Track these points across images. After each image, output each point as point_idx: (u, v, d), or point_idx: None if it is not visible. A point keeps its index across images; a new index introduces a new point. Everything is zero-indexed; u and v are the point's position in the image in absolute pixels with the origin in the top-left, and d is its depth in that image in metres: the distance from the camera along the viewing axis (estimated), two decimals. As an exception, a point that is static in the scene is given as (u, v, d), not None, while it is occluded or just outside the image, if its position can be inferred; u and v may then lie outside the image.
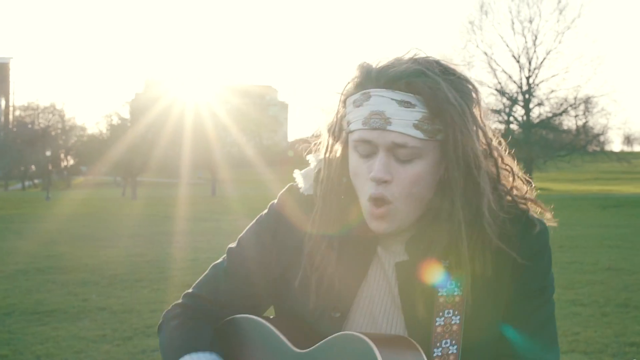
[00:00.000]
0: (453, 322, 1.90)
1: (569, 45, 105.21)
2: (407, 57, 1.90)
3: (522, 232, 1.95)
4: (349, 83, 1.94)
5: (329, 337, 1.87)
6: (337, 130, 1.96)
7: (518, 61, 66.16)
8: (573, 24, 66.61)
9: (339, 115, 1.96)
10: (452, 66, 1.91)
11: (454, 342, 1.90)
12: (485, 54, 65.22)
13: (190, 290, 2.21)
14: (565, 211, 29.36)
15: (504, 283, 1.95)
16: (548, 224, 2.01)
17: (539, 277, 1.99)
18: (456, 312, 1.91)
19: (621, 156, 69.06)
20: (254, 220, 2.19)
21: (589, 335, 8.55)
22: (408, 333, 1.93)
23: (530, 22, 66.17)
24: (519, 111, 66.10)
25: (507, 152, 2.03)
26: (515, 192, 1.99)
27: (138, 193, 62.52)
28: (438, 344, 1.89)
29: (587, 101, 64.32)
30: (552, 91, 65.32)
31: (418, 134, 1.81)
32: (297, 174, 2.13)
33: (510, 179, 1.99)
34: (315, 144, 2.13)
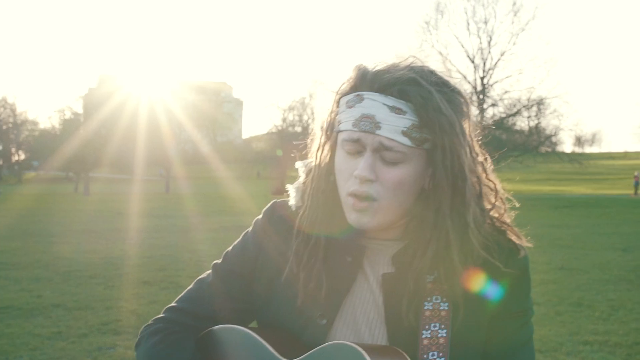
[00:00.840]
0: (440, 335, 1.92)
1: (523, 46, 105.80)
2: (403, 64, 1.92)
3: (506, 256, 1.98)
4: (344, 83, 1.97)
5: (319, 347, 1.87)
6: (330, 129, 1.98)
7: (473, 62, 66.61)
8: (527, 26, 67.00)
9: (332, 114, 1.98)
10: (447, 78, 1.94)
11: (441, 354, 1.91)
12: (441, 54, 65.47)
13: (173, 304, 2.20)
14: (518, 211, 29.55)
15: (487, 302, 1.97)
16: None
17: (521, 300, 2.03)
18: (442, 326, 1.92)
19: (573, 157, 69.89)
20: (240, 236, 2.20)
21: (544, 334, 8.65)
22: (390, 344, 1.93)
23: (485, 23, 66.65)
24: (472, 111, 66.36)
25: (491, 168, 2.05)
26: (495, 212, 2.02)
27: (91, 189, 61.86)
28: (425, 356, 1.90)
29: (540, 102, 64.97)
30: (506, 92, 65.83)
31: (406, 140, 1.84)
32: (291, 188, 2.15)
33: (492, 198, 2.02)
34: (305, 145, 2.15)
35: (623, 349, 7.98)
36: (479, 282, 1.95)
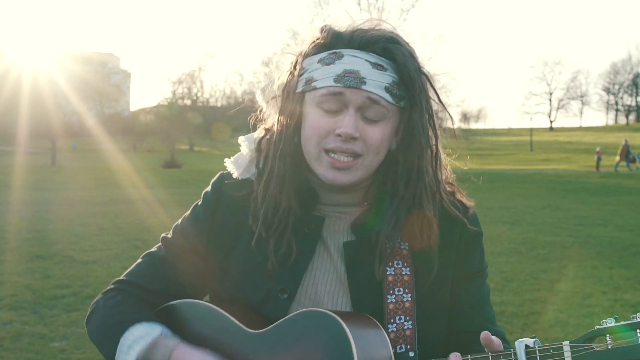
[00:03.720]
0: (405, 299, 1.93)
1: (413, 23, 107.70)
2: (374, 25, 1.94)
3: (459, 221, 2.03)
4: (309, 44, 1.96)
5: (289, 315, 1.86)
6: (291, 90, 1.95)
7: (363, 37, 67.01)
8: (417, 3, 68.49)
9: (293, 76, 1.96)
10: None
11: (408, 318, 1.93)
12: (332, 28, 65.77)
13: (123, 277, 2.15)
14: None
15: (448, 265, 2.01)
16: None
17: (479, 258, 2.10)
18: (407, 290, 1.94)
19: (459, 133, 71.19)
20: (190, 210, 2.15)
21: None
22: (354, 311, 1.94)
23: (376, -1, 67.18)
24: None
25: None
26: (444, 174, 2.06)
27: (-28, 161, 59.88)
28: (392, 320, 1.91)
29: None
30: (396, 68, 66.56)
31: (388, 97, 1.85)
32: (228, 162, 2.11)
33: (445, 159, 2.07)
34: (254, 113, 2.12)
35: (519, 319, 8.22)
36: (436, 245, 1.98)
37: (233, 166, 2.11)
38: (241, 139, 2.13)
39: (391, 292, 1.93)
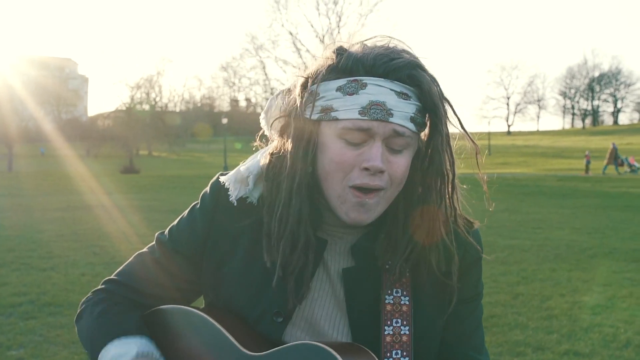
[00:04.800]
0: (402, 332, 1.87)
1: (372, 28, 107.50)
2: (390, 45, 1.85)
3: (464, 245, 1.95)
4: (322, 67, 1.84)
5: (287, 345, 1.79)
6: (305, 117, 1.83)
7: (322, 42, 66.84)
8: (375, 8, 68.65)
9: (306, 101, 1.83)
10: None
11: (405, 354, 1.86)
12: (291, 33, 66.03)
13: (113, 276, 2.09)
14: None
15: (446, 295, 1.94)
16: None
17: (475, 284, 2.03)
18: (405, 322, 1.87)
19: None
20: (187, 210, 2.06)
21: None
22: (353, 339, 1.89)
23: (335, 3, 67.50)
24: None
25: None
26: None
27: None
28: (388, 354, 1.85)
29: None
30: (355, 72, 66.75)
31: (412, 126, 1.78)
32: (227, 180, 1.99)
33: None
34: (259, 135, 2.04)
35: (479, 321, 8.24)
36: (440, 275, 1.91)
37: (232, 188, 1.97)
38: (241, 166, 1.98)
39: (389, 323, 1.87)
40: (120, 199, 25.32)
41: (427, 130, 1.86)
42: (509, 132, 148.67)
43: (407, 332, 1.87)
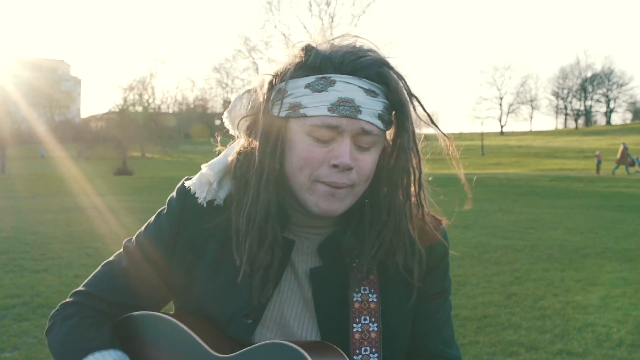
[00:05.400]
0: (371, 329, 1.89)
1: (364, 29, 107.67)
2: (357, 44, 1.87)
3: (430, 240, 1.98)
4: (290, 65, 1.85)
5: (255, 345, 1.80)
6: (273, 114, 1.85)
7: (315, 43, 67.11)
8: (368, 9, 68.71)
9: (271, 99, 1.86)
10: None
11: (374, 350, 1.88)
12: (284, 34, 66.00)
13: (81, 288, 2.07)
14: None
15: (413, 291, 1.95)
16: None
17: (441, 280, 2.05)
18: (373, 320, 1.90)
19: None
20: (154, 216, 2.06)
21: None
22: (322, 338, 1.90)
23: (327, 5, 67.55)
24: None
25: None
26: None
27: None
28: (357, 351, 1.87)
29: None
30: (348, 73, 66.67)
31: (380, 124, 1.80)
32: (192, 184, 1.99)
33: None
34: (219, 132, 2.06)
35: (473, 322, 8.26)
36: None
37: (198, 191, 1.98)
38: (204, 167, 1.99)
39: (357, 320, 1.89)
40: (113, 200, 25.27)
41: (393, 129, 1.89)
42: (502, 133, 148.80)
43: (376, 329, 1.89)
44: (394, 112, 1.86)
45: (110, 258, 2.09)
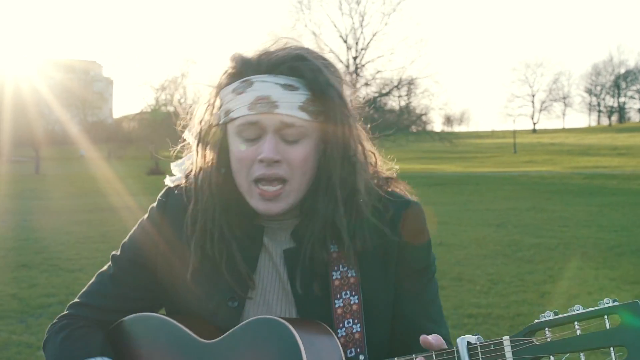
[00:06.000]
0: (352, 302, 1.97)
1: (395, 27, 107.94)
2: (281, 45, 1.99)
3: (401, 214, 2.06)
4: (222, 75, 1.99)
5: (241, 324, 1.90)
6: (212, 123, 2.00)
7: (345, 42, 67.14)
8: (398, 7, 68.47)
9: (212, 109, 2.01)
10: (322, 53, 2.04)
11: (356, 321, 1.97)
12: (314, 33, 65.81)
13: (76, 300, 2.18)
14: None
15: (391, 264, 2.04)
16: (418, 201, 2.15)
17: (423, 256, 2.11)
18: (353, 293, 1.98)
19: (443, 136, 71.67)
20: (136, 225, 2.20)
21: (429, 308, 8.81)
22: (300, 317, 1.99)
23: (358, 3, 67.26)
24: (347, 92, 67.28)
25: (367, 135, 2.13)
26: (380, 174, 2.12)
27: (-45, 171, 59.52)
28: (341, 325, 1.96)
29: (411, 82, 66.14)
30: (378, 72, 66.70)
31: (304, 115, 1.90)
32: (168, 181, 2.19)
33: (374, 160, 2.11)
34: (181, 145, 2.19)
35: (506, 320, 8.25)
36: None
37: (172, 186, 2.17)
38: (173, 165, 2.20)
39: (338, 296, 1.98)
40: (146, 200, 25.23)
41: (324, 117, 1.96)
42: (534, 130, 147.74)
43: (357, 301, 1.98)
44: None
45: (102, 269, 2.21)
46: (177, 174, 2.18)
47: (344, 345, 1.93)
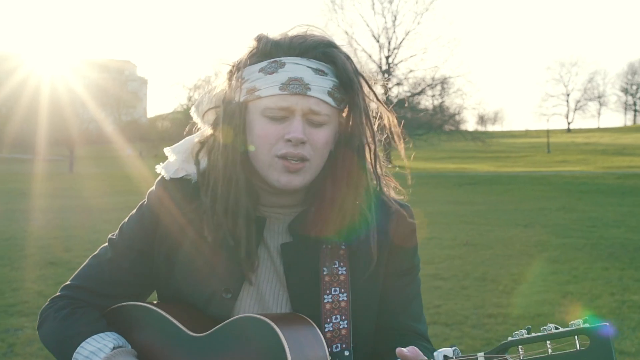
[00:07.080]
0: (341, 299, 2.01)
1: (427, 26, 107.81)
2: (302, 31, 2.02)
3: (394, 216, 2.11)
4: (245, 55, 2.01)
5: (227, 321, 1.93)
6: (233, 100, 2.00)
7: (378, 41, 67.13)
8: (431, 6, 68.42)
9: (232, 87, 2.01)
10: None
11: (343, 317, 2.00)
12: (346, 33, 65.86)
13: (69, 282, 2.17)
14: (423, 188, 30.08)
15: (380, 264, 2.08)
16: (406, 200, 2.20)
17: (410, 257, 2.16)
18: (342, 290, 2.02)
19: (476, 135, 71.27)
20: (135, 209, 2.18)
21: (450, 308, 8.89)
22: (294, 311, 2.02)
23: (390, 2, 67.17)
24: (378, 90, 67.06)
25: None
26: (378, 173, 2.13)
27: (-9, 169, 60.22)
28: (328, 320, 1.99)
29: (443, 81, 65.97)
30: (411, 71, 66.64)
31: (331, 101, 1.94)
32: (159, 168, 2.16)
33: (379, 160, 2.12)
34: (191, 123, 2.18)
35: (525, 320, 8.23)
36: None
37: (164, 171, 2.14)
38: (167, 150, 2.16)
39: (327, 292, 2.00)
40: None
41: (347, 107, 2.01)
42: (568, 130, 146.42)
43: (345, 298, 2.01)
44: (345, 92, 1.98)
45: (96, 252, 2.20)
46: (171, 158, 2.14)
47: (330, 340, 1.96)
